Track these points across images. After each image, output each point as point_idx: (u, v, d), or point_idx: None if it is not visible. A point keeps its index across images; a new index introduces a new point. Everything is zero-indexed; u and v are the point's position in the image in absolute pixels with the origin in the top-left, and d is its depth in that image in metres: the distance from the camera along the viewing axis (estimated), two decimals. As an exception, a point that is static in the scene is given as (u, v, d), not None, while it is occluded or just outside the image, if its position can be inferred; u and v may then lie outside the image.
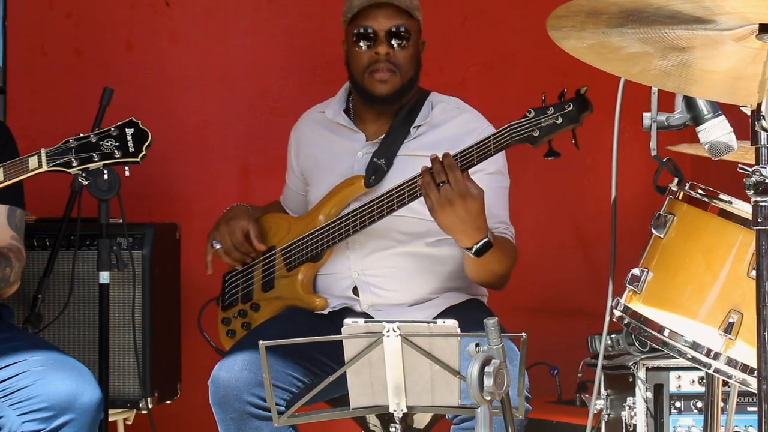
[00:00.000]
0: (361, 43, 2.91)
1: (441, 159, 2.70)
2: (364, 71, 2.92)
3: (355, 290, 2.97)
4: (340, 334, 2.23)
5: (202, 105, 3.93)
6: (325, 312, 2.97)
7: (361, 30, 2.90)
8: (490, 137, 2.70)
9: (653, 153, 2.34)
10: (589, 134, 2.77)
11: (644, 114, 2.37)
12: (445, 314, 2.92)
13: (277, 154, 3.29)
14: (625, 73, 2.17)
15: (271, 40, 3.95)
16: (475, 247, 2.72)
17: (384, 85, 2.91)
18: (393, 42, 2.89)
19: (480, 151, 2.70)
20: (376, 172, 2.93)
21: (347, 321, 2.24)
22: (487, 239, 2.72)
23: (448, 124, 2.98)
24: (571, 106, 2.66)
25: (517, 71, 3.96)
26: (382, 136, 2.98)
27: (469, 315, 2.75)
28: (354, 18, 2.92)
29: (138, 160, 2.68)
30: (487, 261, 2.76)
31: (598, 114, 3.31)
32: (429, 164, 2.87)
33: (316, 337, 2.55)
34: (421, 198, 2.75)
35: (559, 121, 2.64)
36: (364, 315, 2.92)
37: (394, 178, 2.92)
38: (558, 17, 1.96)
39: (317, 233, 2.95)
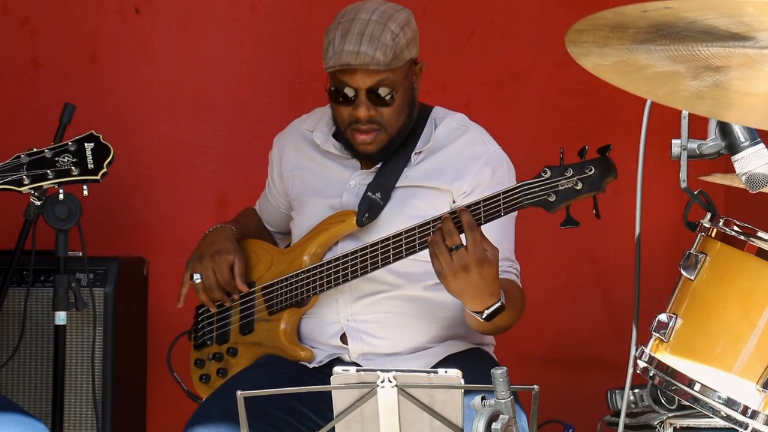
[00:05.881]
0: (340, 101, 2.91)
1: (457, 215, 2.68)
2: (346, 127, 2.93)
3: (343, 338, 2.97)
4: (329, 384, 2.23)
5: (174, 125, 3.95)
6: (310, 366, 2.97)
7: (338, 89, 2.89)
8: (500, 195, 2.70)
9: (683, 184, 2.36)
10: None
11: (673, 141, 2.38)
12: (445, 363, 2.92)
13: (259, 181, 3.31)
14: (651, 95, 2.19)
15: (254, 53, 3.97)
16: (486, 312, 2.74)
17: (369, 146, 2.92)
18: (375, 101, 2.88)
19: (488, 211, 2.70)
20: (370, 208, 2.94)
21: (337, 369, 2.24)
22: (500, 303, 2.73)
23: (451, 147, 2.99)
24: (593, 170, 2.64)
25: (529, 91, 3.99)
26: (379, 165, 2.99)
27: (472, 365, 2.75)
28: (331, 70, 2.90)
29: (98, 178, 2.69)
30: (494, 320, 2.78)
31: (621, 140, 3.33)
32: (430, 201, 2.87)
33: (301, 387, 2.55)
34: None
35: (579, 186, 2.64)
36: (354, 365, 2.91)
37: (390, 215, 2.93)
38: (579, 31, 1.98)
39: (302, 276, 2.96)
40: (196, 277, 3.02)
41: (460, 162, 2.95)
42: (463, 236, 2.69)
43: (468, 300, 2.73)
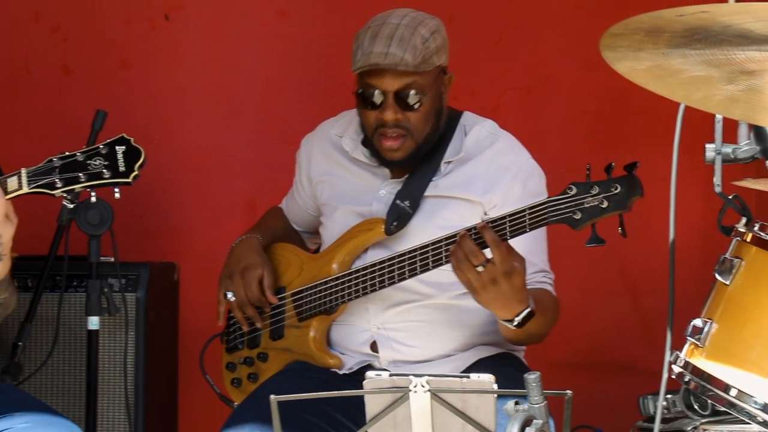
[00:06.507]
0: (367, 104, 2.91)
1: (479, 232, 2.67)
2: (373, 132, 2.92)
3: (373, 345, 2.98)
4: (361, 389, 2.23)
5: (204, 130, 3.96)
6: (341, 372, 2.98)
7: (365, 91, 2.89)
8: (525, 211, 2.69)
9: (718, 189, 2.35)
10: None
11: (707, 145, 2.37)
12: (474, 367, 2.92)
13: (288, 185, 3.31)
14: (686, 99, 2.19)
15: (282, 58, 3.98)
16: (516, 320, 2.74)
17: (395, 153, 2.91)
18: (403, 104, 2.87)
19: (513, 227, 2.70)
20: (399, 217, 2.93)
21: (369, 374, 2.24)
22: (529, 309, 2.74)
23: (481, 157, 2.97)
24: (619, 188, 2.62)
25: (558, 96, 3.98)
26: (408, 175, 2.98)
27: (502, 369, 2.75)
28: (359, 72, 2.91)
29: (130, 180, 2.69)
30: (527, 327, 2.77)
31: (651, 144, 3.32)
32: (460, 212, 2.88)
33: (335, 392, 2.55)
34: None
35: (604, 205, 2.63)
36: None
37: (419, 224, 2.93)
38: (614, 36, 1.97)
39: (331, 284, 2.96)
40: (230, 296, 3.04)
41: (491, 173, 2.94)
42: (487, 250, 2.69)
43: (498, 309, 2.73)
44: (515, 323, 2.73)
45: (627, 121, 3.95)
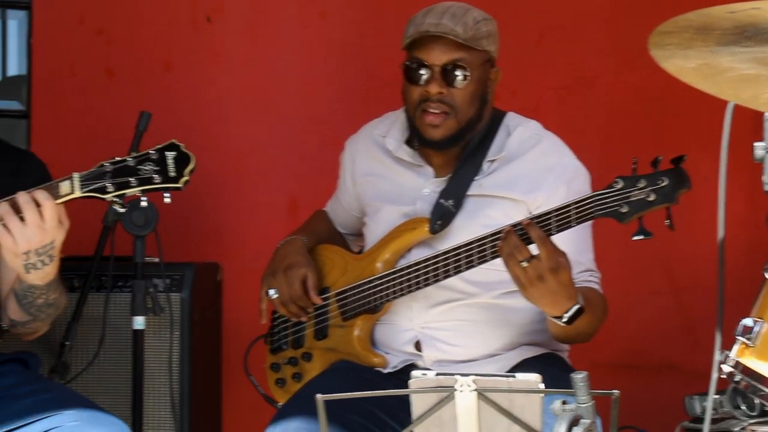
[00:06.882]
0: (413, 78, 2.90)
1: (524, 228, 2.67)
2: (416, 108, 2.92)
3: (417, 344, 2.97)
4: (406, 388, 2.23)
5: (246, 131, 3.97)
6: (385, 371, 2.97)
7: (413, 64, 2.89)
8: (571, 206, 2.68)
9: (767, 188, 2.32)
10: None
11: (756, 144, 2.35)
12: (519, 368, 2.91)
13: (330, 186, 3.32)
14: (735, 98, 2.16)
15: (323, 60, 3.99)
16: (566, 316, 2.73)
17: (436, 130, 2.90)
18: (448, 79, 2.88)
19: (560, 222, 2.69)
20: (443, 215, 2.93)
21: (415, 373, 2.23)
22: (578, 306, 2.72)
23: (526, 157, 2.97)
24: (666, 181, 2.61)
25: (598, 96, 3.96)
26: (451, 174, 2.98)
27: (547, 370, 2.73)
28: (409, 46, 2.92)
29: (180, 185, 2.72)
30: (576, 324, 2.76)
31: (696, 143, 3.29)
32: (505, 210, 2.87)
33: (380, 391, 2.55)
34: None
35: (651, 198, 2.62)
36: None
37: (463, 223, 2.92)
38: (663, 34, 1.96)
39: (375, 283, 2.96)
40: (272, 293, 3.05)
41: (534, 174, 2.93)
42: (533, 246, 2.68)
43: (546, 306, 2.72)
44: (564, 320, 2.72)
45: (668, 120, 3.92)
